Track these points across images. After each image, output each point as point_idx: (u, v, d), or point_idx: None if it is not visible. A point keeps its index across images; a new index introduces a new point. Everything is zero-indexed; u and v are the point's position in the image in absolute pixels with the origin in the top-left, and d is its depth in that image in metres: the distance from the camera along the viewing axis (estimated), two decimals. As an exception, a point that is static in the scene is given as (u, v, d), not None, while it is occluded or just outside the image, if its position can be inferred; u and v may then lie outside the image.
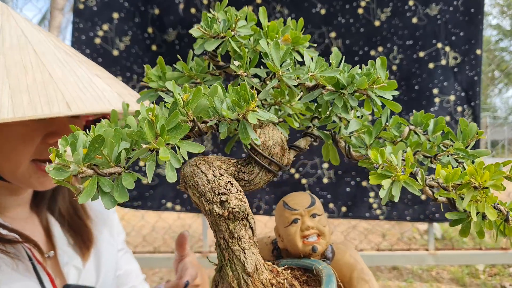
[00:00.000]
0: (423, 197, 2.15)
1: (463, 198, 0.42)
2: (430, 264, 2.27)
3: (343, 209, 2.17)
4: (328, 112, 0.58)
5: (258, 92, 0.50)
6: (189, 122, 0.40)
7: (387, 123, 0.54)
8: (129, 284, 0.93)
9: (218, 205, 0.44)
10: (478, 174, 0.38)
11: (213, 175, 0.46)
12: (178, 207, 2.13)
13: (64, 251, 0.80)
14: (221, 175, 0.46)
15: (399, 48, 2.13)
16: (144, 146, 0.34)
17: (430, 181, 0.45)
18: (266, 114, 0.40)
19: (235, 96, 0.38)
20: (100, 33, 1.93)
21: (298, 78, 0.51)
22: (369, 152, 0.49)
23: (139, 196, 2.13)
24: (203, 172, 0.46)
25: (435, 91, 2.10)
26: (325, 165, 2.15)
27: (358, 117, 0.58)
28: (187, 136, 0.47)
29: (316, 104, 0.60)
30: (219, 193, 0.44)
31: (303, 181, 2.16)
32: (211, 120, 0.41)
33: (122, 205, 2.12)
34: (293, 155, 0.56)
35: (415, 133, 0.56)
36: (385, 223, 2.63)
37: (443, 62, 2.13)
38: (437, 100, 2.11)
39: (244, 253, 0.44)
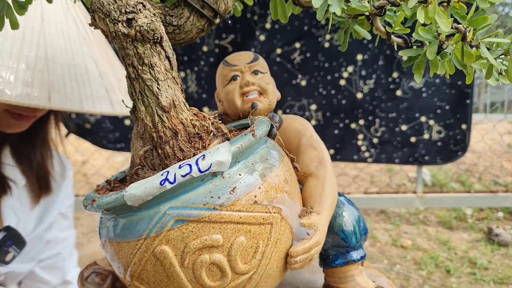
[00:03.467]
0: (413, 139, 2.10)
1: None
2: (418, 207, 2.24)
3: (331, 151, 2.12)
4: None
5: None
6: None
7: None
8: (55, 251, 0.88)
9: (124, 24, 0.37)
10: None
11: (123, -4, 0.38)
12: (162, 149, 2.08)
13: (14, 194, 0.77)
14: (133, -3, 0.39)
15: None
16: None
17: (379, 0, 0.38)
18: None
19: None
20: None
21: None
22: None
23: (122, 138, 2.08)
24: (111, -5, 0.39)
25: (430, 28, 2.00)
26: (313, 107, 2.08)
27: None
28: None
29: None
30: (126, 11, 0.37)
31: (290, 122, 2.10)
32: None
33: (105, 146, 2.07)
34: (232, 2, 0.48)
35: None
36: (375, 170, 2.59)
37: None
38: None
39: (158, 84, 0.38)
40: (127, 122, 2.04)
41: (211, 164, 0.34)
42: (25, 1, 0.46)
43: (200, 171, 0.34)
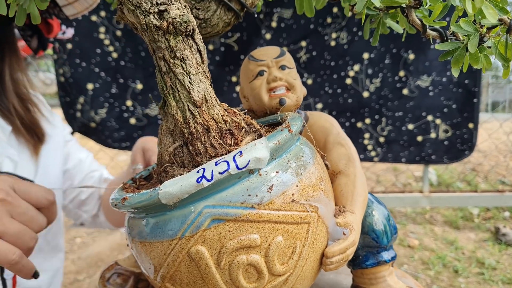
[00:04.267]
0: (419, 138, 2.09)
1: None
2: (424, 206, 2.23)
3: (337, 151, 2.10)
4: None
5: None
6: None
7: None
8: (84, 172, 0.87)
9: (156, 16, 0.35)
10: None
11: (153, -13, 0.37)
12: (167, 148, 2.07)
13: None
14: (163, -12, 0.38)
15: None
16: None
17: (418, -7, 0.37)
18: None
19: None
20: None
21: None
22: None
23: (127, 137, 2.06)
24: (140, -14, 0.37)
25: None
26: (319, 106, 2.07)
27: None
28: None
29: None
30: (157, 3, 0.36)
31: (296, 121, 2.09)
32: None
33: (109, 145, 2.06)
34: (259, -4, 0.47)
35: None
36: (380, 169, 2.58)
37: None
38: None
39: (190, 78, 0.37)
40: (133, 121, 2.03)
41: (249, 160, 0.33)
42: (46, -6, 0.45)
43: (238, 168, 0.32)
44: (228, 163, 0.32)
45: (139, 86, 2.01)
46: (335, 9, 1.95)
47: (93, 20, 1.88)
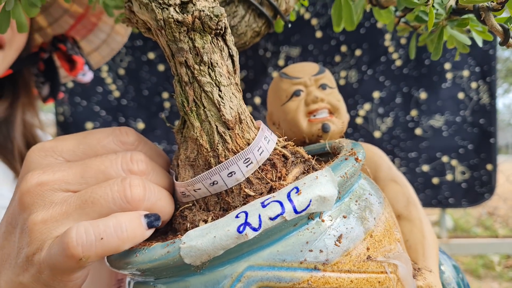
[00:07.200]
0: (435, 180, 1.99)
1: None
2: (443, 254, 2.08)
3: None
4: None
5: None
6: None
7: None
8: None
9: (177, 9, 0.27)
10: None
11: (173, -23, 0.29)
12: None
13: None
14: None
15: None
16: None
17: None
18: None
19: None
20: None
21: None
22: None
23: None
24: (157, -24, 0.29)
25: (447, 66, 1.94)
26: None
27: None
28: None
29: None
30: (179, -7, 0.27)
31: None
32: None
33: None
34: (294, 1, 0.39)
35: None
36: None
37: (455, 36, 1.96)
38: (449, 75, 1.94)
39: (220, 90, 0.28)
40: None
41: (310, 200, 0.23)
42: (40, -1, 0.37)
43: (295, 211, 0.22)
44: (281, 204, 0.22)
45: (141, 126, 1.94)
46: (343, 48, 1.91)
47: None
